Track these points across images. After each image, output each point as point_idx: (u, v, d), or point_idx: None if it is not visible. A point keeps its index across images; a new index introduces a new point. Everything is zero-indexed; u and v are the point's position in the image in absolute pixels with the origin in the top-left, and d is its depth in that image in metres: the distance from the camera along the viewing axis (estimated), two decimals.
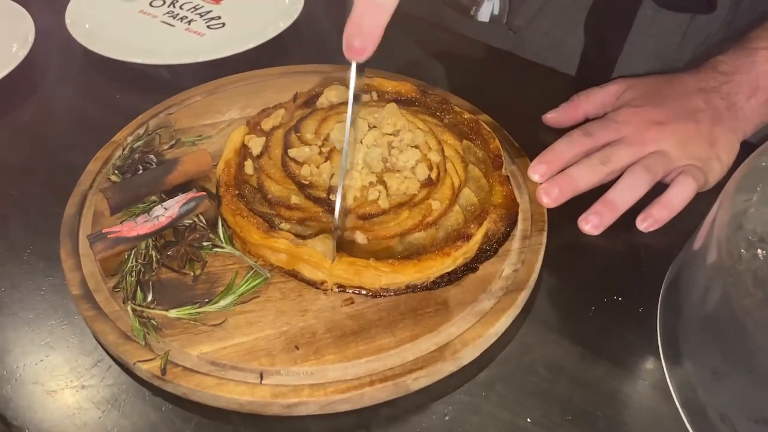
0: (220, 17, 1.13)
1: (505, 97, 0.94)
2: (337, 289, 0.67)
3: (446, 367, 0.61)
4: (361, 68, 0.62)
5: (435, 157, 0.75)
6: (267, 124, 0.81)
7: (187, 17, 1.13)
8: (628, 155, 0.77)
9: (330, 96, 0.85)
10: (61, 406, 0.61)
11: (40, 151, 0.89)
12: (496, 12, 0.97)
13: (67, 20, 1.07)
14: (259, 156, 0.77)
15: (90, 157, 0.81)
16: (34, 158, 0.88)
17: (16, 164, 0.87)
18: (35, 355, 0.65)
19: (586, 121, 0.85)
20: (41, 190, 0.82)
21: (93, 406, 0.61)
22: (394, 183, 0.70)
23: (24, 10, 1.07)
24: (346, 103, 0.83)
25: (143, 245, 0.69)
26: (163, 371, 0.59)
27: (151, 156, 0.78)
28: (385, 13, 0.57)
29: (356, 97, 0.64)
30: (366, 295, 0.66)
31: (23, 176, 0.85)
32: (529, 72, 1.02)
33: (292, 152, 0.75)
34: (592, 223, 0.75)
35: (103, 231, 0.68)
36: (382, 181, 0.71)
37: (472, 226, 0.69)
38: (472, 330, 0.63)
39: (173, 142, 0.83)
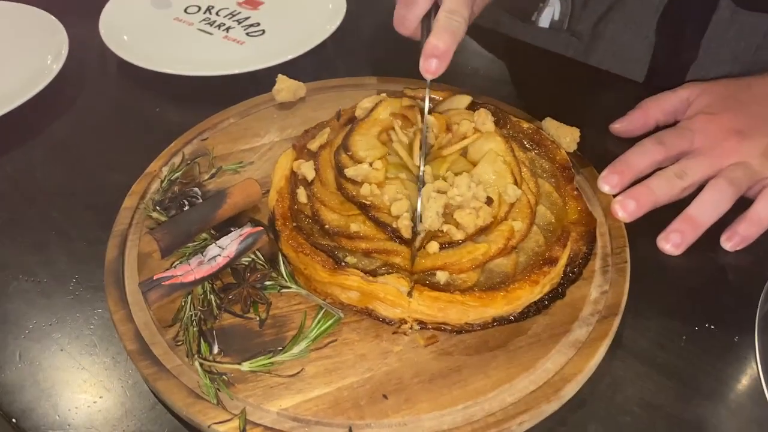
0: (259, 24, 1.07)
1: (567, 105, 0.89)
2: (418, 327, 0.61)
3: (550, 408, 0.57)
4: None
5: (510, 161, 0.69)
6: (314, 145, 0.75)
7: (224, 24, 1.07)
8: (706, 167, 0.72)
9: (364, 105, 0.79)
10: None
11: (79, 170, 0.83)
12: (556, 17, 0.92)
13: (101, 30, 1.01)
14: (311, 182, 0.71)
15: (134, 178, 0.76)
16: (74, 178, 0.82)
17: (54, 185, 0.82)
18: (87, 396, 0.60)
19: (656, 129, 0.80)
20: (83, 213, 0.77)
21: None
22: (470, 220, 0.63)
23: (56, 20, 1.01)
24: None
25: (200, 289, 0.63)
26: None
27: (195, 189, 0.72)
28: (457, 38, 0.67)
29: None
30: (450, 331, 0.61)
31: (63, 198, 0.79)
32: (591, 78, 0.97)
33: (349, 172, 0.68)
34: (673, 242, 0.70)
35: (155, 277, 0.62)
36: (453, 222, 0.64)
37: (556, 247, 0.64)
38: (571, 364, 0.58)
39: (214, 171, 0.77)
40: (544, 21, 0.93)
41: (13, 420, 0.58)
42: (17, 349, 0.64)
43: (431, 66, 0.65)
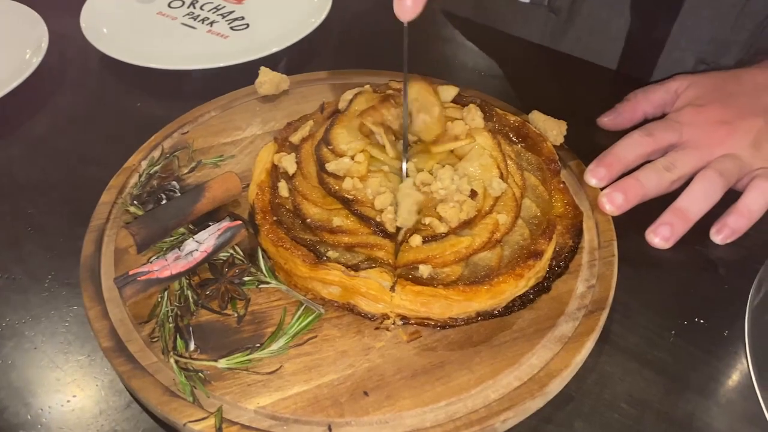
0: (243, 18, 1.05)
1: (554, 98, 0.88)
2: (401, 322, 0.60)
3: (534, 404, 0.55)
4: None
5: (497, 155, 0.67)
6: (296, 138, 0.74)
7: (208, 18, 1.05)
8: (695, 159, 0.70)
9: (347, 97, 0.77)
10: None
11: (58, 165, 0.81)
12: None
13: (82, 24, 0.99)
14: (292, 175, 0.70)
15: (113, 173, 0.74)
16: (52, 174, 0.80)
17: (32, 180, 0.79)
18: (61, 395, 0.58)
19: (644, 122, 0.78)
20: (61, 209, 0.75)
21: None
22: (453, 214, 0.61)
23: (36, 13, 0.99)
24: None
25: (176, 285, 0.62)
26: (219, 431, 0.52)
27: (173, 182, 0.71)
28: None
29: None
30: (433, 326, 0.60)
31: (40, 194, 0.77)
32: (579, 71, 0.96)
33: (329, 166, 0.67)
34: (662, 235, 0.68)
35: (131, 273, 0.60)
36: (436, 215, 0.63)
37: (541, 241, 0.62)
38: (557, 359, 0.57)
39: (193, 164, 0.75)
40: None
41: None
42: None
43: (406, 4, 0.58)
